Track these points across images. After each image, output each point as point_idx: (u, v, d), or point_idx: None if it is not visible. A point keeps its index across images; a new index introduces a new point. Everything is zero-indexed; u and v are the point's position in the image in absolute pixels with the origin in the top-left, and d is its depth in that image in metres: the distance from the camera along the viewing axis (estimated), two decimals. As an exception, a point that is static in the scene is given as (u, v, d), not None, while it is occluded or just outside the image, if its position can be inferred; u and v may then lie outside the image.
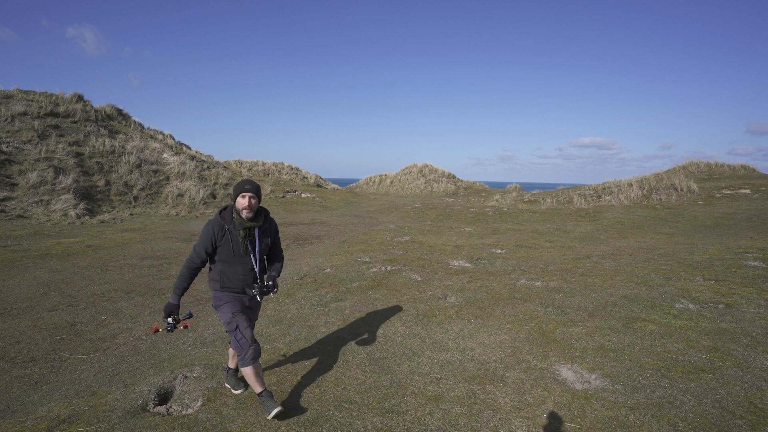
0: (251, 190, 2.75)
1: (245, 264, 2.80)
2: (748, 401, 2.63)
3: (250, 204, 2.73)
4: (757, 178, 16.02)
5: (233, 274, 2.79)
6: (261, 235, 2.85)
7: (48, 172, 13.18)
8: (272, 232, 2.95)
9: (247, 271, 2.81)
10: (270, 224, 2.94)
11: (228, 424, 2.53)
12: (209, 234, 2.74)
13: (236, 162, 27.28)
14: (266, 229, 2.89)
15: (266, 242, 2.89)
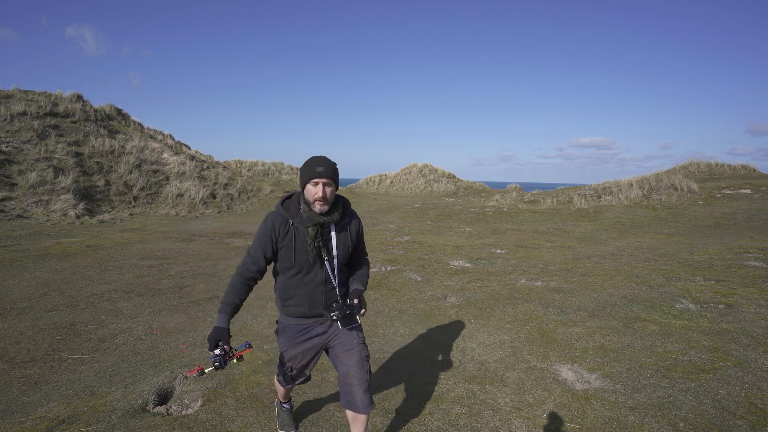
0: (325, 174, 1.94)
1: (316, 275, 2.05)
2: (748, 401, 2.63)
3: (325, 195, 1.96)
4: (758, 178, 16.02)
5: (300, 289, 2.06)
6: (339, 234, 2.07)
7: (47, 172, 13.17)
8: (354, 231, 2.15)
9: (318, 285, 2.07)
10: (351, 219, 2.14)
11: (228, 425, 2.52)
12: (268, 231, 2.02)
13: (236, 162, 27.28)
14: (345, 225, 2.11)
15: (346, 244, 2.10)
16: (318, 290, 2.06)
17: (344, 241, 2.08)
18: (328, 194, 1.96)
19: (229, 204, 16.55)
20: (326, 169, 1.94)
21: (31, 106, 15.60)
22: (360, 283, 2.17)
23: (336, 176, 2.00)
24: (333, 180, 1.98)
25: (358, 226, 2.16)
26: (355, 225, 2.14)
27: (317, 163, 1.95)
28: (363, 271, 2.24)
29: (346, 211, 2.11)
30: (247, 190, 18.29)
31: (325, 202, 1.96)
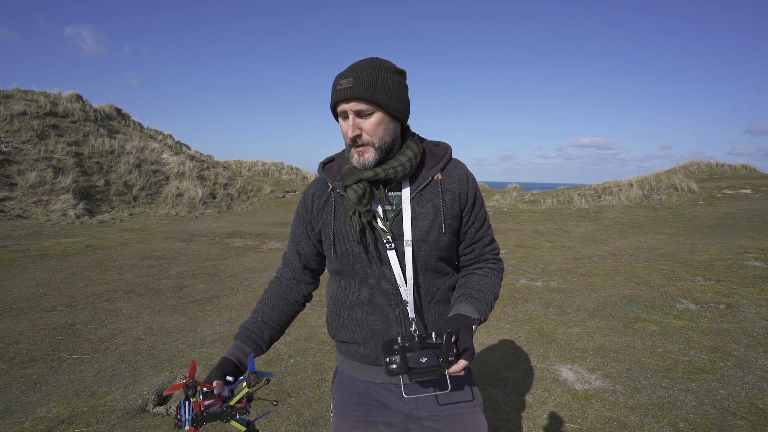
0: (354, 94, 1.06)
1: (381, 281, 1.17)
2: (749, 402, 2.63)
3: (360, 134, 1.10)
4: (758, 178, 16.02)
5: (355, 310, 1.21)
6: (417, 199, 1.17)
7: (47, 172, 13.17)
8: (456, 195, 1.19)
9: (389, 301, 1.17)
10: (449, 175, 1.20)
11: (228, 424, 2.52)
12: (300, 209, 1.27)
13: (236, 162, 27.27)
14: (432, 184, 1.18)
15: (434, 218, 1.16)
16: (388, 310, 1.16)
17: (429, 213, 1.14)
18: (368, 130, 1.08)
19: (229, 204, 16.55)
20: (356, 83, 1.05)
21: (31, 105, 15.59)
22: (471, 298, 1.14)
23: (386, 94, 1.08)
24: (376, 103, 1.06)
25: (465, 186, 1.18)
26: (457, 185, 1.18)
27: (342, 75, 1.09)
28: (484, 274, 1.22)
29: (431, 160, 1.20)
30: (247, 190, 18.29)
31: (365, 146, 1.10)
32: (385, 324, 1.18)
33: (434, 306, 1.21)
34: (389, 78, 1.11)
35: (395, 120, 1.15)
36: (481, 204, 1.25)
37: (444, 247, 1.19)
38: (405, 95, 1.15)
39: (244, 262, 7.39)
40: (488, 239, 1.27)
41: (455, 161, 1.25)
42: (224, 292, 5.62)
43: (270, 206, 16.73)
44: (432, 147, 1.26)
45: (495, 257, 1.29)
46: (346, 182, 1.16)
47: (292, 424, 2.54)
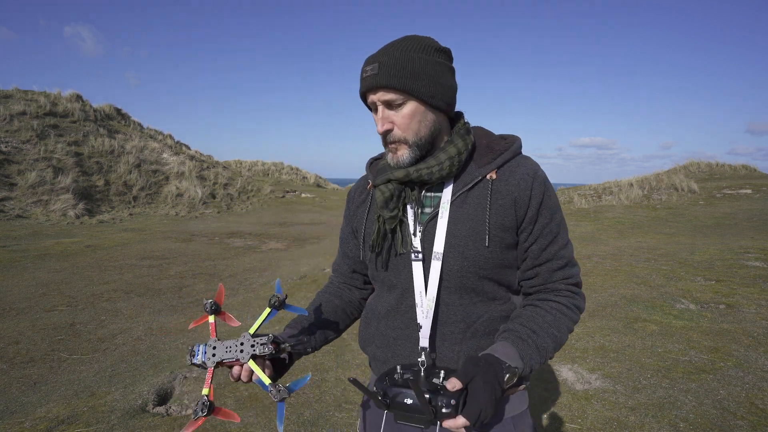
0: (381, 82, 0.90)
1: (404, 295, 1.01)
2: (749, 402, 2.63)
3: (390, 129, 0.94)
4: (758, 178, 16.01)
5: (381, 323, 1.07)
6: (459, 203, 0.97)
7: (47, 171, 13.16)
8: (512, 201, 0.95)
9: (411, 320, 1.00)
10: (506, 175, 0.97)
11: (227, 425, 2.52)
12: (345, 209, 1.19)
13: (236, 162, 27.27)
14: (481, 186, 0.97)
15: (476, 228, 0.94)
16: (410, 330, 1.00)
17: (471, 221, 0.94)
18: (400, 124, 0.93)
19: (229, 204, 16.54)
20: (382, 68, 0.89)
21: (31, 105, 15.59)
22: (516, 338, 0.91)
23: (420, 79, 0.90)
24: (406, 91, 0.89)
25: (526, 189, 0.94)
26: (515, 187, 0.95)
27: (368, 59, 0.93)
28: (548, 310, 0.96)
29: (486, 155, 0.99)
30: (246, 190, 18.28)
31: (398, 142, 0.95)
32: (406, 346, 1.01)
33: (471, 338, 0.97)
34: (424, 59, 0.91)
35: (435, 110, 0.95)
36: (551, 215, 0.96)
37: (488, 263, 0.94)
38: (447, 79, 0.95)
39: (244, 262, 7.38)
40: (560, 262, 0.97)
41: (521, 159, 1.00)
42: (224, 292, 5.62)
43: (270, 206, 16.73)
44: (491, 141, 1.02)
45: (570, 288, 0.98)
46: (375, 181, 1.03)
47: (292, 424, 2.54)
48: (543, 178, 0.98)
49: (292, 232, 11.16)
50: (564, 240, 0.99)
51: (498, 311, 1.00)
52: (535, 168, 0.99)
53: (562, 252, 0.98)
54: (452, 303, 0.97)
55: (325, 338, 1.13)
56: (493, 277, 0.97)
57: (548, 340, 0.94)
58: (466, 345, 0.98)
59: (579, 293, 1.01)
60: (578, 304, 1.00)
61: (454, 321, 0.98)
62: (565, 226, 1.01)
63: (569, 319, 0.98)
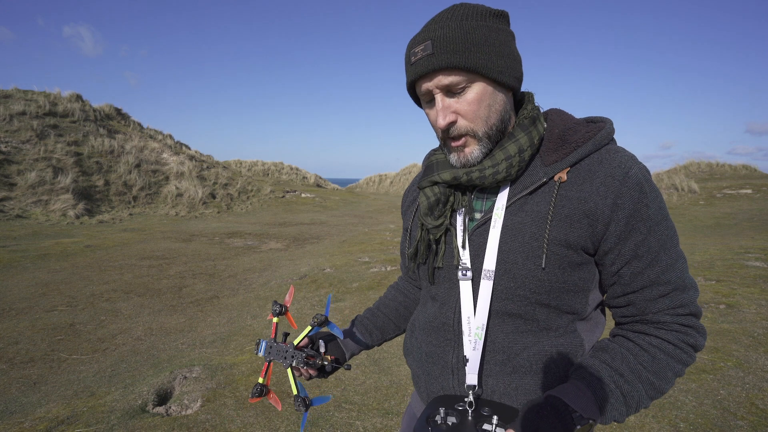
0: (436, 63, 0.73)
1: (447, 308, 0.86)
2: (749, 402, 2.62)
3: (453, 122, 0.77)
4: (759, 178, 16.02)
5: (424, 336, 0.92)
6: (516, 211, 0.79)
7: (47, 171, 13.16)
8: (573, 213, 0.74)
9: (433, 319, 0.89)
10: (587, 177, 0.74)
11: (227, 425, 2.52)
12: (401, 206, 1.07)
13: (236, 162, 27.27)
14: (541, 191, 0.78)
15: (520, 243, 0.76)
16: (445, 351, 0.86)
17: (524, 234, 0.77)
18: (465, 113, 0.77)
19: (229, 204, 16.54)
20: (438, 45, 0.74)
21: (30, 105, 15.59)
22: (595, 379, 0.72)
23: (485, 51, 0.74)
24: (472, 69, 0.74)
25: (609, 197, 0.73)
26: (593, 193, 0.74)
27: (416, 39, 0.77)
28: (645, 347, 0.75)
29: (558, 150, 0.79)
30: (246, 190, 18.28)
31: (465, 136, 0.79)
32: (438, 366, 0.86)
33: (511, 373, 0.79)
34: (485, 26, 0.74)
35: (503, 88, 0.78)
36: (649, 229, 0.72)
37: (542, 288, 0.75)
38: (512, 47, 0.77)
39: (244, 262, 7.38)
40: (663, 288, 0.73)
41: (607, 153, 0.76)
42: (224, 292, 5.62)
43: (270, 206, 16.73)
44: (565, 129, 0.80)
45: (679, 321, 0.73)
46: (421, 183, 0.88)
47: (291, 424, 2.54)
48: (638, 180, 0.72)
49: (292, 232, 11.16)
50: (669, 259, 0.73)
51: (552, 344, 0.78)
52: (626, 165, 0.73)
53: (666, 275, 0.73)
54: (491, 328, 0.80)
55: (383, 337, 1.11)
56: (550, 304, 0.77)
57: (640, 388, 0.71)
58: (503, 381, 0.79)
59: (694, 326, 0.74)
60: (692, 341, 0.74)
61: (491, 350, 0.80)
62: (672, 240, 0.74)
63: (676, 361, 0.73)
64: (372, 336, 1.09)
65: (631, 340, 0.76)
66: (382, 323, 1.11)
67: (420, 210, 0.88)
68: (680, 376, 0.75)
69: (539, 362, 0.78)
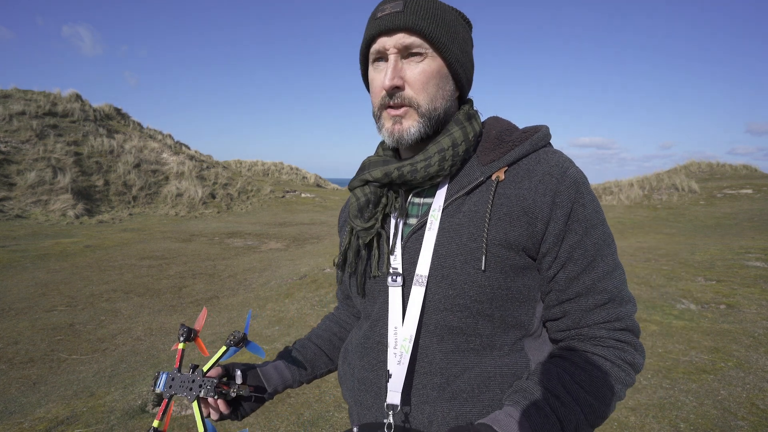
0: (406, 24, 0.70)
1: (377, 323, 0.79)
2: (749, 402, 2.62)
3: (396, 79, 0.71)
4: (759, 178, 16.01)
5: (353, 339, 0.89)
6: (454, 211, 0.74)
7: (46, 171, 13.15)
8: (512, 212, 0.71)
9: (365, 340, 0.81)
10: (525, 176, 0.72)
11: (227, 425, 2.51)
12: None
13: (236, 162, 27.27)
14: (478, 191, 0.74)
15: (458, 245, 0.72)
16: (377, 374, 0.78)
17: (463, 235, 0.73)
18: (413, 81, 0.73)
19: (229, 204, 16.54)
20: (408, 6, 0.72)
21: (30, 105, 15.58)
22: (531, 405, 0.65)
23: (450, 33, 0.75)
24: (433, 40, 0.73)
25: (547, 195, 0.71)
26: (532, 191, 0.71)
27: (384, 0, 0.75)
28: (581, 365, 0.68)
29: (495, 149, 0.77)
30: (246, 190, 18.27)
31: (405, 107, 0.75)
32: (371, 394, 0.78)
33: (449, 399, 0.71)
34: (456, 20, 0.76)
35: (454, 81, 0.77)
36: (586, 230, 0.70)
37: (484, 294, 0.70)
38: (471, 53, 0.80)
39: (244, 262, 7.38)
40: (599, 298, 0.70)
41: (545, 153, 0.74)
42: (224, 292, 5.61)
43: (270, 206, 16.73)
44: (503, 131, 0.78)
45: (615, 336, 0.70)
46: (351, 183, 0.83)
47: (291, 424, 2.53)
48: (575, 179, 0.71)
49: (291, 232, 11.16)
50: (606, 266, 0.70)
51: (497, 365, 0.72)
52: (563, 166, 0.72)
53: (602, 283, 0.70)
54: (429, 346, 0.73)
55: (313, 372, 0.97)
56: (494, 315, 0.71)
57: (578, 411, 0.65)
58: (441, 408, 0.71)
59: (631, 343, 0.70)
60: (630, 359, 0.69)
61: (428, 372, 0.72)
62: (609, 247, 0.72)
63: (615, 380, 0.67)
64: (300, 371, 0.95)
65: (566, 358, 0.70)
66: (313, 356, 0.96)
67: (350, 213, 0.82)
68: (621, 399, 0.68)
69: (482, 386, 0.71)
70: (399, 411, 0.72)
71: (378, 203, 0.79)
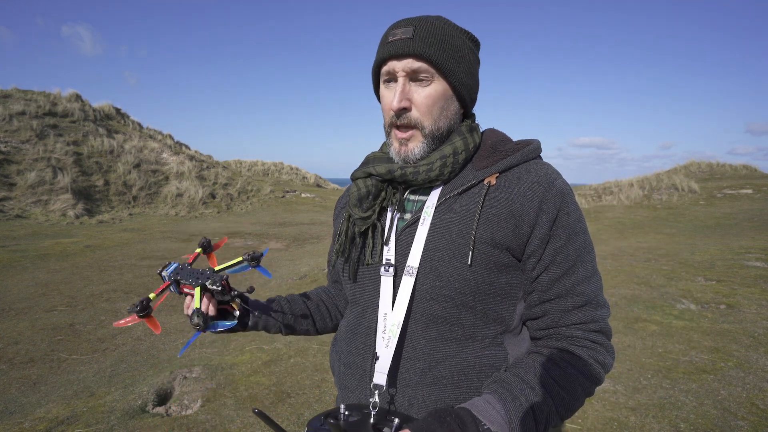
0: (410, 49, 0.76)
1: (359, 301, 0.89)
2: (749, 402, 2.62)
3: (404, 101, 0.78)
4: (759, 178, 16.01)
5: (343, 325, 0.95)
6: (444, 211, 0.80)
7: (46, 171, 13.15)
8: (518, 214, 0.76)
9: (355, 325, 0.88)
10: (514, 182, 0.78)
11: (227, 425, 2.51)
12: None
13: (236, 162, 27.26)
14: (470, 192, 0.80)
15: (447, 241, 0.77)
16: (365, 358, 0.83)
17: (452, 231, 0.78)
18: (419, 104, 0.79)
19: (229, 204, 16.54)
20: (418, 33, 0.77)
21: (30, 105, 15.58)
22: (508, 393, 0.69)
23: (456, 58, 0.79)
24: (440, 67, 0.78)
25: (533, 200, 0.76)
26: (520, 196, 0.77)
27: (398, 23, 0.80)
28: (557, 362, 0.74)
29: (489, 157, 0.82)
30: (246, 190, 18.27)
31: (412, 128, 0.80)
32: (356, 377, 0.83)
33: (430, 384, 0.76)
34: (462, 40, 0.81)
35: (459, 101, 0.83)
36: (568, 237, 0.76)
37: (469, 287, 0.75)
38: (477, 71, 0.85)
39: (244, 262, 7.37)
40: (576, 300, 0.75)
41: (534, 164, 0.80)
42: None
43: (270, 206, 16.73)
44: (497, 142, 0.84)
45: (589, 337, 0.75)
46: (354, 174, 0.89)
47: (291, 424, 2.53)
48: (560, 189, 0.77)
49: (291, 232, 11.16)
50: (585, 272, 0.76)
51: (476, 355, 0.77)
52: (551, 176, 0.78)
53: (580, 287, 0.76)
54: (414, 333, 0.78)
55: (293, 326, 1.03)
56: (476, 307, 0.76)
57: (551, 402, 0.69)
58: (421, 392, 0.76)
59: (603, 344, 0.76)
60: (601, 359, 0.74)
61: (411, 357, 0.78)
62: (589, 254, 0.78)
63: (586, 378, 0.73)
64: (284, 318, 1.01)
65: (543, 354, 0.76)
66: (300, 313, 1.04)
67: (349, 201, 0.88)
68: (589, 395, 0.75)
69: (461, 374, 0.76)
70: (384, 392, 0.77)
71: (377, 196, 0.85)
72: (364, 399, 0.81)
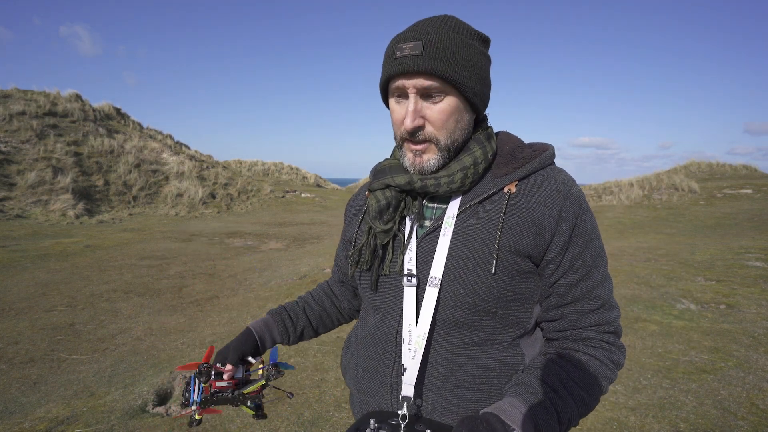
0: (419, 65, 0.73)
1: (386, 317, 0.86)
2: (749, 402, 2.62)
3: (419, 126, 0.77)
4: (759, 178, 16.01)
5: (359, 330, 0.96)
6: (465, 221, 0.80)
7: (46, 171, 13.16)
8: (523, 222, 0.78)
9: (374, 331, 0.87)
10: (532, 191, 0.79)
11: (227, 425, 2.51)
12: (344, 216, 1.06)
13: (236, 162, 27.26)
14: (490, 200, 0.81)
15: (471, 249, 0.78)
16: (385, 365, 0.84)
17: (476, 240, 0.79)
18: (434, 120, 0.78)
19: (229, 204, 16.54)
20: (428, 48, 0.74)
21: (30, 105, 15.58)
22: (531, 395, 0.71)
23: (468, 69, 0.77)
24: (453, 82, 0.76)
25: (553, 209, 0.78)
26: (540, 205, 0.78)
27: (404, 36, 0.77)
28: (575, 363, 0.76)
29: (507, 164, 0.83)
30: (246, 190, 18.27)
31: (426, 142, 0.80)
32: (375, 382, 0.84)
33: (453, 388, 0.78)
34: (471, 46, 0.78)
35: (472, 109, 0.83)
36: (586, 244, 0.78)
37: (491, 295, 0.77)
38: (488, 73, 0.84)
39: (244, 262, 7.38)
40: (593, 303, 0.78)
41: (551, 171, 0.82)
42: (224, 292, 5.61)
43: (270, 206, 16.73)
44: (515, 148, 0.84)
45: (604, 338, 0.78)
46: (372, 185, 0.87)
47: (291, 424, 2.53)
48: (578, 197, 0.80)
49: (291, 232, 11.16)
50: (600, 276, 0.80)
51: (495, 358, 0.79)
52: (568, 184, 0.80)
53: (596, 291, 0.79)
54: (437, 339, 0.80)
55: (296, 341, 1.09)
56: (497, 313, 0.78)
57: (573, 405, 0.72)
58: (444, 396, 0.78)
59: (616, 344, 0.79)
60: (615, 359, 0.78)
61: (434, 362, 0.79)
62: (602, 259, 0.81)
63: (602, 378, 0.76)
64: (290, 338, 1.06)
65: (562, 356, 0.78)
66: (303, 327, 1.07)
67: (369, 213, 0.87)
68: (604, 393, 0.78)
69: (483, 376, 0.79)
70: (411, 402, 0.78)
71: (397, 207, 0.85)
72: (384, 403, 0.83)
